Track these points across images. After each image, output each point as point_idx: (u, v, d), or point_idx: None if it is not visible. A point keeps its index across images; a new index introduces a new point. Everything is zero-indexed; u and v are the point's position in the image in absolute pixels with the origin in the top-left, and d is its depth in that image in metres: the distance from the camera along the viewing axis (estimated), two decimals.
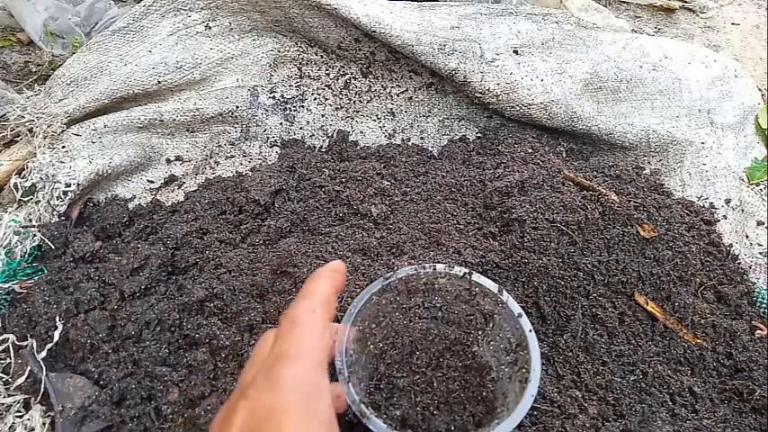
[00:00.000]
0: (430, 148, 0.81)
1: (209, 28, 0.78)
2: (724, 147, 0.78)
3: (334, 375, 0.35)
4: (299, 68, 0.82)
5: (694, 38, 1.12)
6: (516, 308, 0.42)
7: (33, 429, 0.48)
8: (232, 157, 0.79)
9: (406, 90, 0.82)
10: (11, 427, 0.48)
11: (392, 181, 0.71)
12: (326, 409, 0.26)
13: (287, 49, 0.81)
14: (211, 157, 0.79)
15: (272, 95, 0.81)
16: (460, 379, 0.40)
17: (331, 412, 0.27)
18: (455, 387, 0.40)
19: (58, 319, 0.54)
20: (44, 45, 0.93)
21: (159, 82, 0.74)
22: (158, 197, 0.74)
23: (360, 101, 0.82)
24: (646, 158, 0.78)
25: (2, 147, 0.69)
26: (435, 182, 0.71)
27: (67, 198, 0.65)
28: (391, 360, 0.41)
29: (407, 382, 0.39)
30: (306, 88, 0.82)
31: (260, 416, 0.25)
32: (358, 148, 0.79)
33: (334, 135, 0.81)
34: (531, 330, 0.40)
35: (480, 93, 0.75)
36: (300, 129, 0.81)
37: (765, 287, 0.64)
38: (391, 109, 0.82)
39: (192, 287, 0.57)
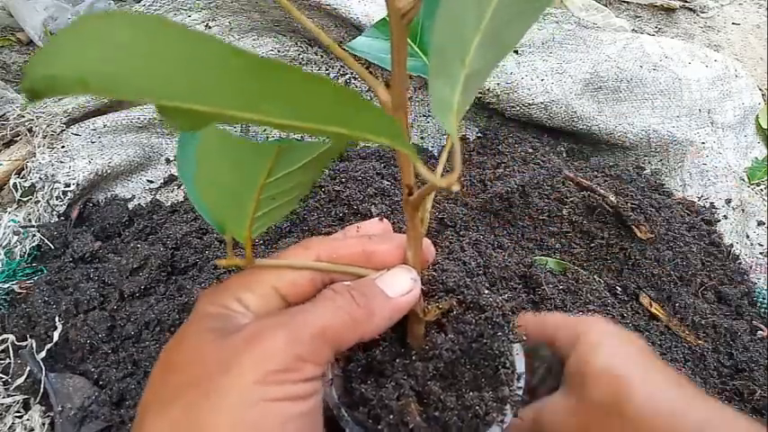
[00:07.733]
0: (430, 148, 0.81)
1: (210, 28, 0.78)
2: (724, 147, 0.78)
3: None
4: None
5: (694, 38, 1.11)
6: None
7: (33, 430, 0.48)
8: None
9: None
10: (10, 427, 0.48)
11: (392, 181, 0.71)
12: None
13: (287, 48, 0.81)
14: None
15: None
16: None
17: None
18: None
19: (57, 319, 0.53)
20: (44, 45, 0.93)
21: None
22: (158, 197, 0.73)
23: None
24: (646, 158, 0.78)
25: (1, 146, 0.69)
26: None
27: (67, 198, 0.65)
28: None
29: None
30: None
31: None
32: (358, 147, 0.79)
33: None
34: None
35: (480, 93, 0.74)
36: None
37: (766, 287, 0.64)
38: None
39: (191, 287, 0.56)
